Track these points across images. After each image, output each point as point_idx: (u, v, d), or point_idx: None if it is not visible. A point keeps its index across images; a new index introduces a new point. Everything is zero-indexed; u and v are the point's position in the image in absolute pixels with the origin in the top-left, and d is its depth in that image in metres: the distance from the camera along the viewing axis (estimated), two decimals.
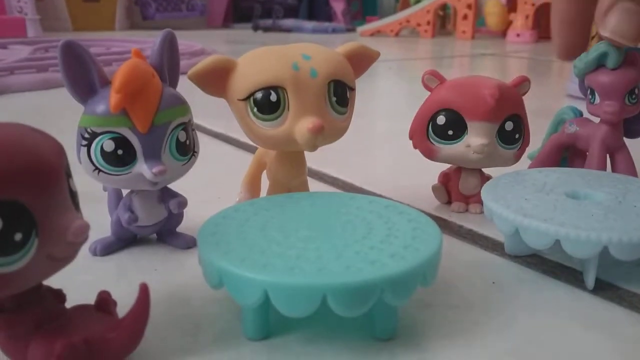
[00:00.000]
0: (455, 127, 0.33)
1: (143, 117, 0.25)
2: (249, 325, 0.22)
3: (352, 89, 0.30)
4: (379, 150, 0.50)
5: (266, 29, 1.97)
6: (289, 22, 2.05)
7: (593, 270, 0.26)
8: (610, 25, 0.30)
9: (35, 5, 1.55)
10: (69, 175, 0.20)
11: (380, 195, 0.38)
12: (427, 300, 0.25)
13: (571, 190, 0.29)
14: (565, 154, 0.38)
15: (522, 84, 0.34)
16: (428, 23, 1.87)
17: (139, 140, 0.25)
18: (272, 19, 2.04)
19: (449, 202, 0.36)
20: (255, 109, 0.28)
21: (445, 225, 0.33)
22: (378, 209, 0.25)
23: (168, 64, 0.28)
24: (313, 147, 0.29)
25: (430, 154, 0.34)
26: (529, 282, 0.27)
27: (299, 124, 0.28)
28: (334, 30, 2.00)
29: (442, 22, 2.24)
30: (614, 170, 0.36)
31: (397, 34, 1.92)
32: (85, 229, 0.18)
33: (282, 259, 0.20)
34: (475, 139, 0.33)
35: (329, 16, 2.27)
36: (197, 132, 0.29)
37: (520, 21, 1.74)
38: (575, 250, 0.24)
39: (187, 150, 0.27)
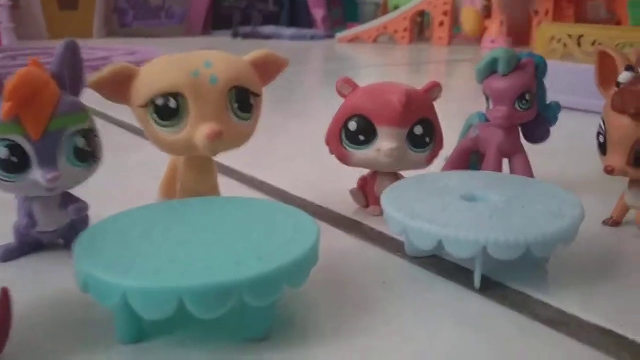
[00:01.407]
0: (366, 133, 0.34)
1: (35, 124, 0.26)
2: (119, 329, 0.22)
3: (257, 95, 0.30)
4: (314, 154, 0.50)
5: (245, 36, 1.98)
6: (268, 29, 2.05)
7: (479, 269, 0.26)
8: None
9: (10, 13, 1.55)
10: None
11: (304, 200, 0.38)
12: (313, 300, 0.25)
13: (468, 192, 0.29)
14: (475, 157, 0.39)
15: (433, 89, 0.35)
16: (405, 30, 1.88)
17: (32, 147, 0.26)
18: (251, 25, 2.05)
19: (365, 206, 0.37)
20: (155, 116, 0.28)
21: (358, 229, 0.34)
22: (267, 212, 0.26)
23: (70, 73, 0.28)
24: (213, 153, 0.29)
25: (344, 159, 0.35)
26: (421, 282, 0.27)
27: (198, 130, 0.28)
28: (313, 37, 2.01)
29: (420, 28, 2.25)
30: (512, 173, 0.37)
31: (374, 41, 1.93)
32: None
33: (149, 263, 0.21)
34: (385, 144, 0.33)
35: (309, 23, 2.28)
36: (137, 137, 0.30)
37: (495, 27, 1.75)
38: (456, 251, 0.25)
39: (85, 157, 0.28)
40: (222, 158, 0.37)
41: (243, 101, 0.30)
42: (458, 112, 0.35)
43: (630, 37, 0.71)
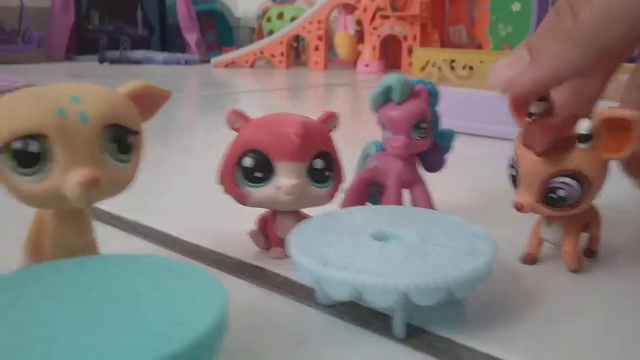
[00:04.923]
0: (263, 169, 0.31)
1: None
2: None
3: (137, 133, 0.26)
4: (203, 193, 0.46)
5: (114, 61, 1.87)
6: (139, 53, 1.96)
7: (400, 317, 0.24)
8: None
9: None
10: None
11: (197, 246, 0.34)
12: None
13: (378, 230, 0.27)
14: (375, 188, 0.38)
15: (330, 119, 0.33)
16: (282, 54, 1.89)
17: None
18: (120, 50, 1.94)
19: (267, 248, 0.34)
20: (12, 163, 0.23)
21: (261, 276, 0.31)
22: (158, 274, 0.22)
23: None
24: (87, 204, 0.25)
25: (241, 199, 0.32)
26: (338, 336, 0.25)
27: (68, 177, 0.24)
28: (188, 62, 1.95)
29: (297, 53, 2.28)
30: (412, 204, 0.37)
31: (252, 65, 1.91)
32: None
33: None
34: (284, 180, 0.30)
35: (182, 48, 2.22)
36: None
37: (368, 52, 1.82)
38: (376, 300, 0.23)
39: None
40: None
41: (120, 141, 0.25)
42: (340, 139, 0.33)
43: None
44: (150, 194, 0.45)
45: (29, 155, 0.23)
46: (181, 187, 0.49)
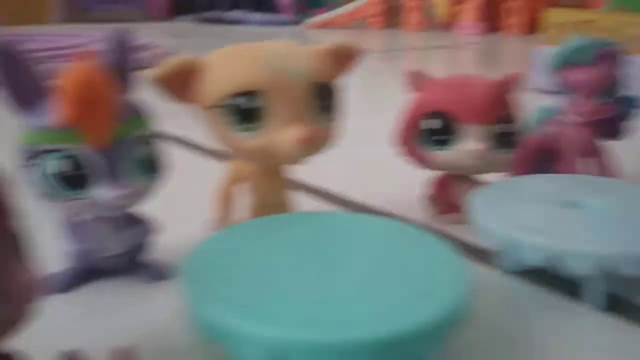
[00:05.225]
0: (448, 132, 0.30)
1: (99, 131, 0.21)
2: None
3: (338, 92, 0.27)
4: (357, 153, 0.46)
5: (212, 21, 1.91)
6: (234, 14, 1.98)
7: (599, 286, 0.23)
8: None
9: None
10: (10, 218, 0.15)
11: (369, 206, 0.35)
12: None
13: (566, 198, 0.26)
14: (545, 156, 0.36)
15: (512, 81, 0.31)
16: (378, 15, 1.86)
17: (95, 158, 0.21)
18: (217, 10, 1.97)
19: (442, 212, 0.33)
20: (232, 118, 0.24)
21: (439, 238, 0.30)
22: (390, 235, 0.22)
23: (124, 68, 0.24)
24: (299, 160, 0.25)
25: (422, 162, 0.31)
26: (527, 301, 0.24)
27: (285, 133, 0.24)
28: (281, 23, 1.96)
29: (392, 13, 2.23)
30: (593, 174, 0.34)
31: (347, 26, 1.89)
32: (32, 287, 0.15)
33: (292, 308, 0.17)
34: (471, 144, 0.30)
35: (274, 8, 2.22)
36: (171, 143, 0.25)
37: (468, 13, 1.75)
38: (575, 267, 0.22)
39: (151, 167, 0.23)
40: None
41: (325, 99, 0.26)
42: None
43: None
44: None
45: (248, 110, 0.24)
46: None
